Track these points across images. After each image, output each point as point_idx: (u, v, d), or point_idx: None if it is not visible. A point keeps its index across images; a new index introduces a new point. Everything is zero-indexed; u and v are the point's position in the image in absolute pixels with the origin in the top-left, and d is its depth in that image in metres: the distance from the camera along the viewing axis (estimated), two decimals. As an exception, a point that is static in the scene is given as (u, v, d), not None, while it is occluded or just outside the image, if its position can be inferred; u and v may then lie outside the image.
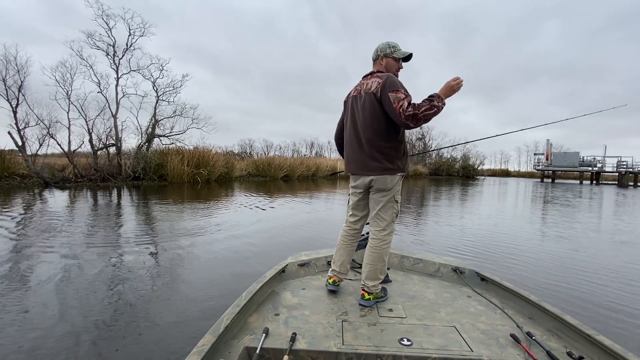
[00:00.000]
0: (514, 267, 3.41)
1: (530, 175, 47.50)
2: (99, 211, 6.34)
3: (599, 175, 29.17)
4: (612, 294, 2.74)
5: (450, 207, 8.55)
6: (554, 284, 2.94)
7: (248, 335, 1.41)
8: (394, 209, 1.87)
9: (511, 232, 5.40)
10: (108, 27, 13.53)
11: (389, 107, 1.67)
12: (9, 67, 11.84)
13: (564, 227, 5.88)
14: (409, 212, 7.24)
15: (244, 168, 19.47)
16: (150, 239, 4.16)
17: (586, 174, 30.46)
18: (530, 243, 4.59)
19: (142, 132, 14.94)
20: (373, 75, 1.86)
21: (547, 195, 13.97)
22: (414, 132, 41.32)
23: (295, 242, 4.24)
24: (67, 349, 1.75)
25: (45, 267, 3.00)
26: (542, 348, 1.36)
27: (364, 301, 1.80)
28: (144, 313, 2.18)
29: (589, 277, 3.17)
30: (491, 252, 4.03)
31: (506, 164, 60.54)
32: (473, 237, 4.89)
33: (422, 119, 1.59)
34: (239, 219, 5.71)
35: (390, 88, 1.69)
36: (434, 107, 1.59)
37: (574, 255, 3.98)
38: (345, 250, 2.01)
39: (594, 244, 4.68)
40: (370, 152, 1.81)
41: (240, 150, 40.25)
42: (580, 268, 3.45)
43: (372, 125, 1.79)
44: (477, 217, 6.88)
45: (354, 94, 1.93)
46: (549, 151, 31.45)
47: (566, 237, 5.05)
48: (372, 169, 1.82)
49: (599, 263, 3.66)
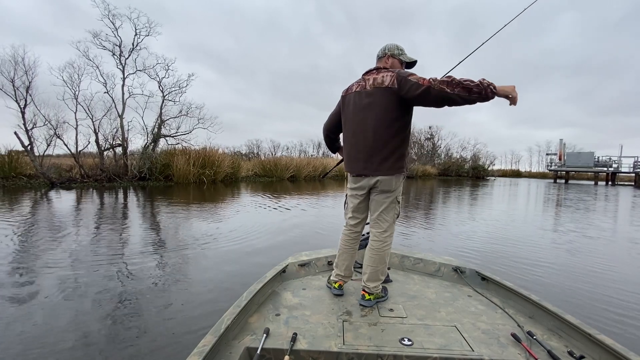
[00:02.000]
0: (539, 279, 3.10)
1: (542, 175, 46.52)
2: (114, 213, 6.21)
3: (614, 176, 28.32)
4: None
5: (459, 213, 8.20)
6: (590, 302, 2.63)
7: (249, 335, 1.42)
8: (395, 210, 1.85)
9: (537, 243, 5.06)
10: (114, 27, 13.54)
11: (415, 87, 1.56)
12: (17, 68, 11.91)
13: (591, 235, 5.50)
14: (415, 217, 6.93)
15: (250, 168, 19.37)
16: (158, 244, 3.97)
17: (601, 174, 29.62)
18: (557, 256, 4.25)
19: (148, 132, 14.92)
20: (381, 70, 1.78)
21: (562, 196, 13.46)
22: (423, 132, 40.82)
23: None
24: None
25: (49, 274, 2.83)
26: (543, 347, 1.35)
27: (364, 301, 1.79)
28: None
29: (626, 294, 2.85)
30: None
31: (517, 164, 59.49)
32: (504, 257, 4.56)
33: (460, 84, 1.46)
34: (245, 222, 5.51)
35: (407, 74, 1.64)
36: (477, 81, 1.46)
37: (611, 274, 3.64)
38: (348, 254, 1.98)
39: (630, 257, 4.31)
40: (379, 151, 1.74)
41: (247, 151, 40.30)
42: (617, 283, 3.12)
43: (383, 122, 1.71)
44: (499, 227, 6.52)
45: (357, 89, 1.83)
46: (562, 151, 30.69)
47: (594, 250, 4.69)
48: (379, 170, 1.76)
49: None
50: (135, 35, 14.04)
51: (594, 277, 3.23)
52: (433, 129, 41.09)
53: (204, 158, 14.73)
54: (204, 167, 14.61)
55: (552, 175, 34.57)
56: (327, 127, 2.13)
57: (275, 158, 22.32)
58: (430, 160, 39.02)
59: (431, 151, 41.11)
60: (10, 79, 11.75)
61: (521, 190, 17.09)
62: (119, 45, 13.83)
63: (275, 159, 21.63)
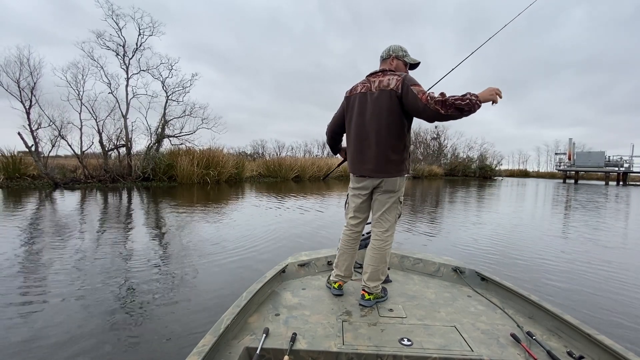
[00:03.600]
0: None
1: (551, 175, 45.85)
2: (118, 215, 6.08)
3: (626, 176, 27.75)
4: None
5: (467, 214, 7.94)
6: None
7: (248, 335, 1.41)
8: (397, 210, 1.88)
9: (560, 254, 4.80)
10: (118, 27, 13.47)
11: (413, 100, 1.63)
12: (22, 69, 11.91)
13: (615, 242, 5.21)
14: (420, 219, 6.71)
15: (254, 169, 19.26)
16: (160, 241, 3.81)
17: (612, 174, 29.02)
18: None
19: (152, 132, 14.85)
20: (386, 73, 1.81)
21: (572, 197, 13.10)
22: (429, 131, 40.42)
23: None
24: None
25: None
26: (542, 348, 1.35)
27: (364, 301, 1.80)
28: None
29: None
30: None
31: (525, 164, 58.69)
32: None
33: (452, 105, 1.54)
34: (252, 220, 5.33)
35: (411, 82, 1.67)
36: (466, 99, 1.54)
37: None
38: (349, 255, 1.98)
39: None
40: (383, 152, 1.76)
41: (252, 151, 40.24)
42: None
43: (388, 124, 1.73)
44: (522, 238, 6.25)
45: (362, 91, 1.84)
46: (572, 151, 30.15)
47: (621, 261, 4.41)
48: (384, 171, 1.78)
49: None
50: (138, 35, 13.98)
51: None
52: (439, 129, 40.64)
53: (208, 158, 14.64)
54: (207, 167, 14.52)
55: (561, 176, 34.03)
56: (331, 129, 2.11)
57: (279, 158, 22.22)
58: (436, 160, 38.61)
59: (437, 151, 40.67)
60: (16, 80, 11.75)
61: (531, 191, 16.70)
62: (122, 45, 13.77)
63: (280, 159, 21.52)
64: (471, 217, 7.03)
